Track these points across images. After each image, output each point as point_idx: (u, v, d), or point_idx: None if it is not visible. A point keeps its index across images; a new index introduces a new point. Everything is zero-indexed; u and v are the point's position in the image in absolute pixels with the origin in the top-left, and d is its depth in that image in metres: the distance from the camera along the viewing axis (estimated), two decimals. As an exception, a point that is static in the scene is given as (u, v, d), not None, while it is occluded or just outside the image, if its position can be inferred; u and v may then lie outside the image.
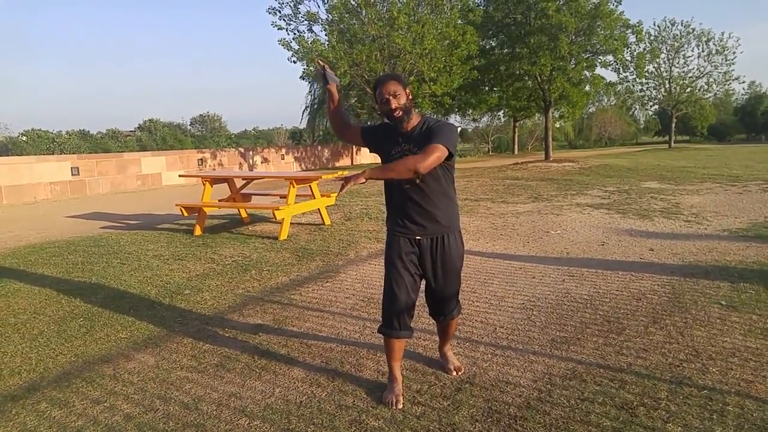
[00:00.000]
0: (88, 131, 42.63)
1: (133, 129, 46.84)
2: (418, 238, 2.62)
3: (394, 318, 2.62)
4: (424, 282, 2.77)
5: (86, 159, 15.21)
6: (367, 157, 28.01)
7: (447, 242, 2.66)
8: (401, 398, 2.61)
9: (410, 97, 2.60)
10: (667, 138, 35.09)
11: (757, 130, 51.28)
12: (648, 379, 2.78)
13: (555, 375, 2.88)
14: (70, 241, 7.09)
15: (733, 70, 30.62)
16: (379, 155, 2.72)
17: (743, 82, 35.30)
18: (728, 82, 31.28)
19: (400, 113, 2.53)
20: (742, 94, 49.66)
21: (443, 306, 2.80)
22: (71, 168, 14.37)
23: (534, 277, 4.81)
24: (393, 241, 2.66)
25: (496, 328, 3.57)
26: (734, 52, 30.07)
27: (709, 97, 33.18)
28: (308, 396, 2.73)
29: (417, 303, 2.71)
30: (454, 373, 2.92)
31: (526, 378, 2.86)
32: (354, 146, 28.04)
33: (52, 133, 36.27)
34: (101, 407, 2.69)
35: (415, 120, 2.60)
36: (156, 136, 42.90)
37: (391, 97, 2.52)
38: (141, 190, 15.90)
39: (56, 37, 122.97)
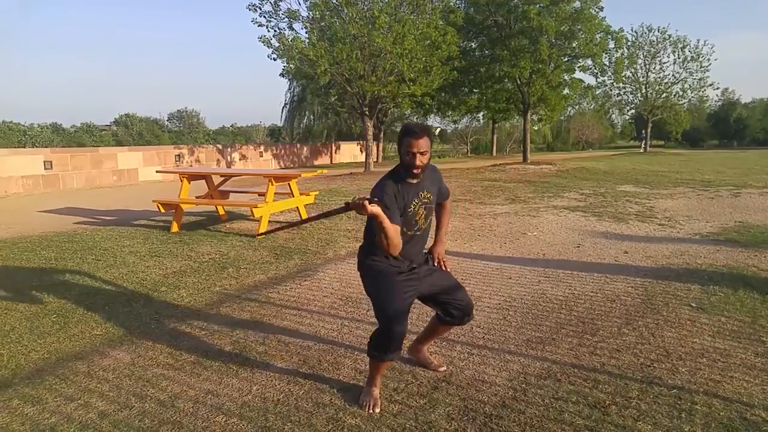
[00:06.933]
0: (61, 125, 41.84)
1: (108, 123, 46.11)
2: (414, 266, 2.65)
3: (394, 347, 2.53)
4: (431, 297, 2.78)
5: (60, 153, 14.93)
6: (345, 155, 27.99)
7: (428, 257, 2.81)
8: (380, 403, 2.60)
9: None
10: (642, 142, 35.71)
11: (729, 137, 52.48)
12: (620, 379, 2.84)
13: (530, 374, 2.92)
14: (43, 236, 6.96)
15: (707, 76, 31.38)
16: (393, 215, 2.42)
17: (717, 88, 35.99)
18: (703, 89, 32.01)
19: (419, 171, 2.48)
20: (716, 101, 50.87)
21: (467, 302, 2.78)
22: (44, 162, 14.08)
23: (510, 278, 4.87)
24: (388, 273, 2.58)
25: (472, 328, 3.61)
26: (709, 59, 30.80)
27: (684, 102, 33.86)
28: (285, 394, 2.74)
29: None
30: (443, 368, 2.97)
31: (502, 377, 2.90)
32: (333, 145, 28.03)
33: (23, 125, 35.47)
34: (75, 404, 2.66)
35: None
36: (132, 131, 42.24)
37: (419, 154, 2.45)
38: (117, 185, 15.65)
39: (26, 27, 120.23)
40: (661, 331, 3.52)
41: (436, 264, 2.80)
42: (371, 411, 2.54)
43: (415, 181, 2.54)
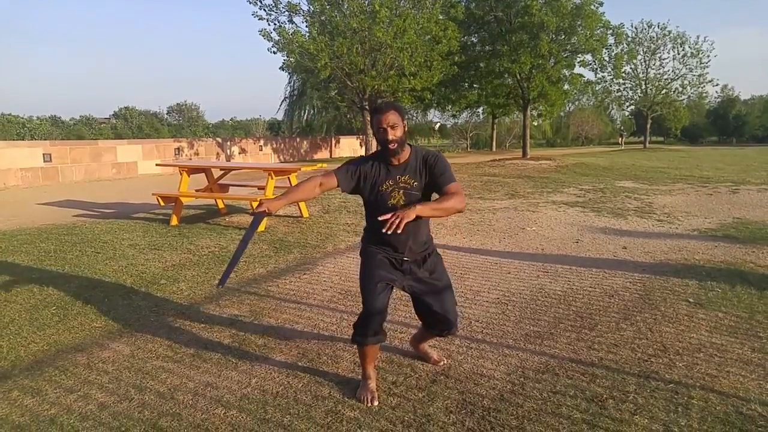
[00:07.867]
0: (60, 117, 41.77)
1: (108, 116, 46.05)
2: (406, 259, 2.64)
3: (370, 328, 2.55)
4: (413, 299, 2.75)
5: (59, 146, 14.92)
6: (345, 150, 27.96)
7: (429, 259, 2.71)
8: (377, 396, 2.60)
9: (406, 129, 2.55)
10: (642, 138, 35.66)
11: (728, 133, 52.48)
12: (617, 373, 2.86)
13: (528, 368, 2.94)
14: (43, 228, 6.97)
15: (707, 73, 31.24)
16: (360, 193, 2.63)
17: (717, 85, 35.86)
18: (702, 85, 31.88)
19: (395, 145, 2.48)
20: (715, 98, 50.78)
21: (448, 322, 2.70)
22: (43, 154, 14.07)
23: (509, 273, 4.88)
24: (372, 255, 2.63)
25: (471, 322, 3.62)
26: (708, 56, 30.69)
27: (683, 99, 33.77)
28: (284, 386, 2.75)
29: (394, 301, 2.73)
30: (443, 362, 2.97)
31: (500, 371, 2.91)
32: (333, 140, 28.01)
33: (22, 118, 35.40)
34: (75, 396, 2.67)
35: (406, 151, 2.56)
36: (132, 124, 42.23)
37: (389, 128, 2.45)
38: (116, 178, 15.64)
39: (25, 19, 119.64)
40: (659, 326, 3.54)
41: (387, 215, 2.36)
42: (369, 404, 2.55)
43: (396, 162, 2.55)
